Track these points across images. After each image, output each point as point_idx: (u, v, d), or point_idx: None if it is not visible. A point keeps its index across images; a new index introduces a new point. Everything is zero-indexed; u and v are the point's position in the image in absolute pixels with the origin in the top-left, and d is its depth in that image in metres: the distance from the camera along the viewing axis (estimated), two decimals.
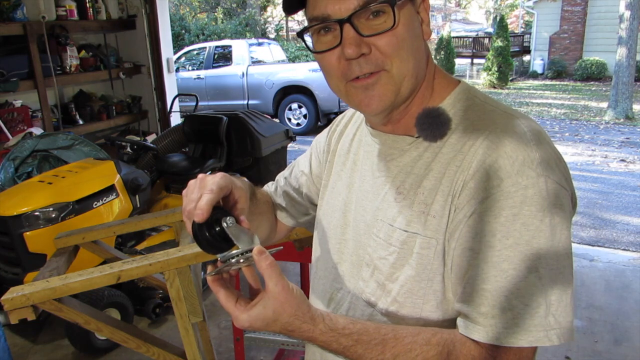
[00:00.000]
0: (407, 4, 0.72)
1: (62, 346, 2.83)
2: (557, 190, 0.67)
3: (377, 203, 0.81)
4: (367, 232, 0.82)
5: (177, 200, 3.52)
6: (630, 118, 9.96)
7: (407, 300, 0.76)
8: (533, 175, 0.66)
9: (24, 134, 3.57)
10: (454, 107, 0.77)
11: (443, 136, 0.75)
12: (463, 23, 33.73)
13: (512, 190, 0.66)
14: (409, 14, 0.72)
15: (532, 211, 0.65)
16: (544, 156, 0.68)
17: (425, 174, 0.75)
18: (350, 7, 0.69)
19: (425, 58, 0.77)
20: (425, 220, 0.73)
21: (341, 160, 0.93)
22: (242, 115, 3.95)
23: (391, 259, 0.77)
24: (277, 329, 0.68)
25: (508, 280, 0.65)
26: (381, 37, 0.70)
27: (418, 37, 0.74)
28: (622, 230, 4.58)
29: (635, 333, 2.89)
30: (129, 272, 1.63)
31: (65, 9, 4.22)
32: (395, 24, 0.69)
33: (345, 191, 0.89)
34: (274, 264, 0.67)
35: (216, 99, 9.38)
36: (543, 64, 17.09)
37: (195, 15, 19.92)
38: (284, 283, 0.67)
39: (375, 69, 0.72)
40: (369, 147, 0.86)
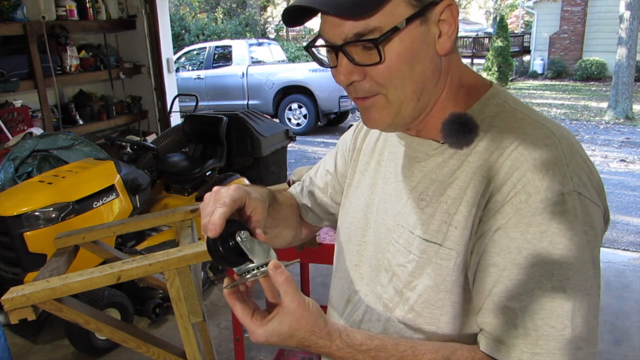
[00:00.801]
0: (410, 28, 0.67)
1: (62, 346, 2.83)
2: (588, 208, 0.65)
3: (399, 207, 0.79)
4: (387, 237, 0.80)
5: (177, 200, 3.52)
6: (630, 118, 9.96)
7: (425, 310, 0.74)
8: (564, 192, 0.64)
9: (24, 134, 3.57)
10: (482, 113, 0.73)
11: (470, 144, 0.72)
12: (463, 23, 33.73)
13: (541, 207, 0.64)
14: (411, 39, 0.67)
15: (560, 229, 0.63)
16: (576, 171, 0.66)
17: (450, 182, 0.72)
18: (342, 36, 0.67)
19: (438, 73, 0.72)
20: (447, 231, 0.71)
21: (365, 159, 0.91)
22: (242, 115, 3.95)
23: (410, 266, 0.75)
24: (293, 344, 0.68)
25: (534, 300, 0.64)
26: (372, 68, 0.68)
27: (424, 59, 0.69)
28: (622, 230, 4.58)
29: (635, 333, 2.89)
30: (129, 272, 1.63)
31: (65, 9, 4.22)
32: (381, 60, 0.67)
33: (368, 192, 0.88)
34: (290, 279, 0.66)
35: (216, 99, 9.38)
36: (543, 64, 17.09)
37: (195, 16, 19.92)
38: (300, 299, 0.66)
39: (369, 94, 0.71)
40: (394, 148, 0.84)
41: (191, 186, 3.55)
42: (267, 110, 8.90)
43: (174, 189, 3.62)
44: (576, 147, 0.69)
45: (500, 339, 0.66)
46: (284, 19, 0.75)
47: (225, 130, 3.69)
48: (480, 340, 0.69)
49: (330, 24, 0.68)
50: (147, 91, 5.11)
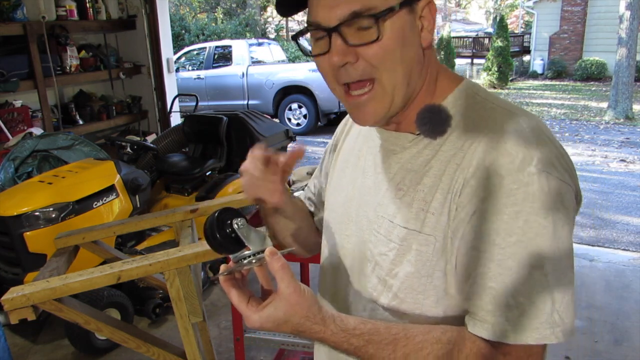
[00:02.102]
0: (402, 13, 0.71)
1: (62, 346, 2.83)
2: (559, 187, 0.67)
3: (378, 199, 0.82)
4: (368, 228, 0.83)
5: (177, 200, 3.52)
6: (630, 118, 9.96)
7: (408, 295, 0.77)
8: (534, 172, 0.66)
9: (24, 134, 3.57)
10: (455, 105, 0.77)
11: (443, 133, 0.75)
12: (463, 23, 33.72)
13: (514, 188, 0.66)
14: (402, 23, 0.71)
15: (534, 208, 0.66)
16: (545, 152, 0.68)
17: (425, 171, 0.75)
18: (338, 16, 0.70)
19: (420, 64, 0.76)
20: (424, 218, 0.74)
21: (345, 157, 0.94)
22: (242, 115, 3.95)
23: (391, 255, 0.78)
24: (288, 330, 0.69)
25: (513, 277, 0.66)
26: (367, 48, 0.71)
27: (411, 46, 0.73)
28: (622, 230, 4.58)
29: (635, 333, 2.89)
30: (129, 272, 1.63)
31: (65, 9, 4.22)
32: (379, 37, 0.70)
33: (349, 187, 0.90)
34: (285, 266, 0.68)
35: (216, 99, 9.38)
36: (543, 64, 17.09)
37: (195, 16, 19.92)
38: (295, 285, 0.68)
39: (362, 77, 0.73)
40: (372, 143, 0.87)
41: (191, 186, 3.55)
42: (267, 110, 8.90)
43: (174, 189, 3.62)
44: (544, 131, 0.72)
45: (485, 318, 0.68)
46: (277, 6, 0.78)
47: (225, 130, 3.69)
48: (467, 321, 0.71)
49: (325, 6, 0.70)
50: (147, 91, 5.11)
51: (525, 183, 0.66)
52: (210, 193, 3.40)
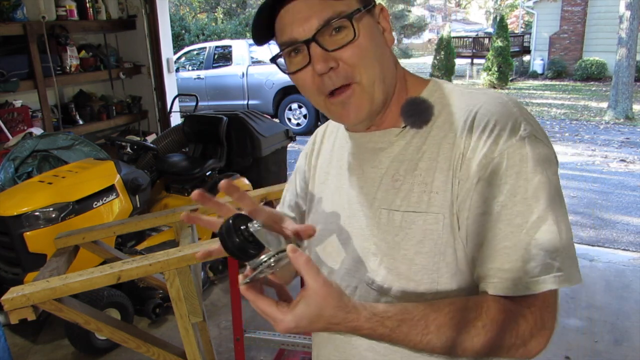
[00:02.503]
0: (365, 16, 0.77)
1: (62, 346, 2.83)
2: (544, 145, 0.75)
3: (373, 194, 0.84)
4: (369, 224, 0.83)
5: (177, 200, 3.52)
6: (630, 118, 9.96)
7: (424, 277, 0.78)
8: (524, 135, 0.73)
9: (24, 134, 3.57)
10: (432, 96, 0.83)
11: (428, 121, 0.80)
12: (463, 23, 33.70)
13: (510, 152, 0.72)
14: (369, 24, 0.78)
15: (530, 166, 0.72)
16: (528, 120, 0.76)
17: (419, 157, 0.79)
18: (312, 27, 0.74)
19: (392, 62, 0.82)
20: (428, 199, 0.77)
21: (324, 171, 0.96)
22: (242, 115, 3.95)
23: (398, 239, 0.79)
24: (321, 326, 0.68)
25: (525, 232, 0.71)
26: (345, 50, 0.75)
27: (381, 45, 0.80)
28: (622, 230, 4.58)
29: (635, 333, 2.89)
30: (129, 272, 1.63)
31: (65, 9, 4.22)
32: (355, 36, 0.75)
33: (335, 197, 0.91)
34: (309, 260, 0.67)
35: (216, 99, 9.38)
36: (543, 64, 17.08)
37: (195, 16, 19.92)
38: (322, 278, 0.67)
39: (345, 81, 0.77)
40: (352, 150, 0.89)
41: (191, 186, 3.55)
42: (267, 110, 8.90)
43: (174, 189, 3.62)
44: (520, 103, 0.79)
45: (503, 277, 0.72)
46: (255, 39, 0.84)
47: (225, 130, 3.69)
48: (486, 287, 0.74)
49: (298, 21, 0.75)
50: (147, 91, 5.11)
51: (519, 146, 0.72)
52: (210, 193, 3.40)
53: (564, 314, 3.08)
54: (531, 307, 0.72)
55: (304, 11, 0.75)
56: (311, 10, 0.75)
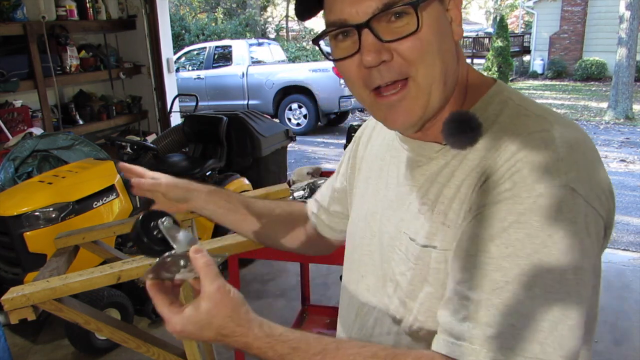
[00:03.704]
0: (434, 3, 0.65)
1: (62, 346, 2.82)
2: (580, 206, 0.58)
3: (401, 214, 0.76)
4: (390, 245, 0.77)
5: None
6: (630, 118, 9.96)
7: (428, 319, 0.70)
8: (555, 184, 0.58)
9: (24, 134, 3.57)
10: (486, 111, 0.69)
11: (473, 143, 0.67)
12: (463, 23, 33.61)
13: (524, 196, 0.59)
14: (436, 13, 0.65)
15: (541, 222, 0.57)
16: (573, 167, 0.60)
17: (447, 182, 0.69)
18: (368, 10, 0.63)
19: (456, 60, 0.70)
20: (444, 232, 0.68)
21: (368, 166, 0.88)
22: (242, 115, 3.95)
23: (409, 275, 0.72)
24: (211, 335, 0.63)
25: (497, 293, 0.58)
26: (404, 42, 0.63)
27: (447, 38, 0.67)
28: (622, 230, 4.58)
29: (635, 333, 2.89)
30: (129, 272, 1.63)
31: (65, 9, 4.22)
32: (419, 27, 0.63)
33: (371, 199, 0.84)
34: (210, 263, 0.63)
35: (216, 99, 9.38)
36: (543, 64, 17.08)
37: (195, 16, 19.92)
38: (220, 283, 0.63)
39: (398, 77, 0.65)
40: (396, 153, 0.80)
41: None
42: (267, 110, 8.89)
43: None
44: (580, 143, 0.63)
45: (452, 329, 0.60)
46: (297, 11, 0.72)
47: (225, 130, 3.69)
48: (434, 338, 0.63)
49: (352, 1, 0.63)
50: (147, 91, 5.11)
51: (539, 194, 0.58)
52: None
53: None
54: None
55: None
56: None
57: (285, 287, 3.45)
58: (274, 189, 2.26)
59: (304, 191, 2.18)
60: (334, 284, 3.37)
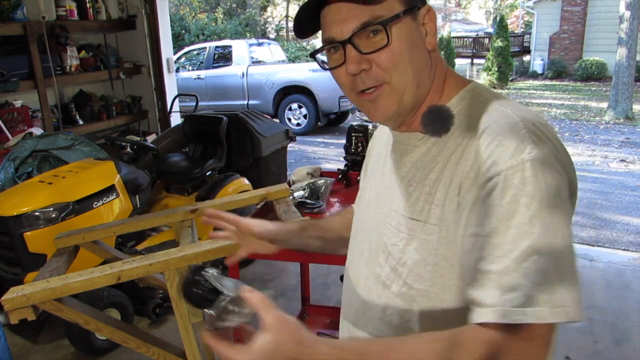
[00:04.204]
0: (406, 19, 0.79)
1: (62, 346, 2.83)
2: (550, 175, 0.70)
3: (392, 195, 0.89)
4: (384, 222, 0.89)
5: (177, 200, 3.52)
6: (630, 118, 9.96)
7: (416, 282, 0.81)
8: (527, 158, 0.70)
9: (24, 134, 3.57)
10: (459, 105, 0.83)
11: (446, 131, 0.81)
12: (463, 23, 33.70)
13: (509, 174, 0.70)
14: (408, 29, 0.79)
15: (530, 192, 0.68)
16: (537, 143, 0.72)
17: (432, 167, 0.81)
18: (350, 28, 0.78)
19: (429, 66, 0.83)
20: (429, 210, 0.80)
21: (372, 165, 1.03)
22: (242, 115, 3.95)
23: (401, 244, 0.84)
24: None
25: (512, 260, 0.67)
26: (379, 54, 0.78)
27: (419, 49, 0.81)
28: (622, 230, 4.58)
29: (635, 333, 2.89)
30: (129, 272, 1.63)
31: (65, 9, 4.22)
32: (389, 42, 0.77)
33: (372, 189, 0.98)
34: (264, 297, 0.69)
35: (216, 99, 9.38)
36: (543, 64, 17.08)
37: (195, 16, 19.92)
38: (277, 313, 0.69)
39: (376, 83, 0.80)
40: (390, 147, 0.95)
41: (191, 186, 3.54)
42: (267, 110, 8.90)
43: (174, 189, 3.62)
44: (538, 126, 0.75)
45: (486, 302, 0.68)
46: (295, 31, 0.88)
47: (225, 130, 3.69)
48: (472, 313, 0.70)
49: (337, 22, 0.79)
50: (147, 91, 5.11)
51: (520, 169, 0.69)
52: (210, 193, 3.40)
53: None
54: (518, 339, 0.67)
55: (344, 12, 0.78)
56: (350, 13, 0.78)
57: (285, 287, 3.45)
58: (274, 189, 2.26)
59: (304, 191, 2.18)
60: (334, 284, 3.37)
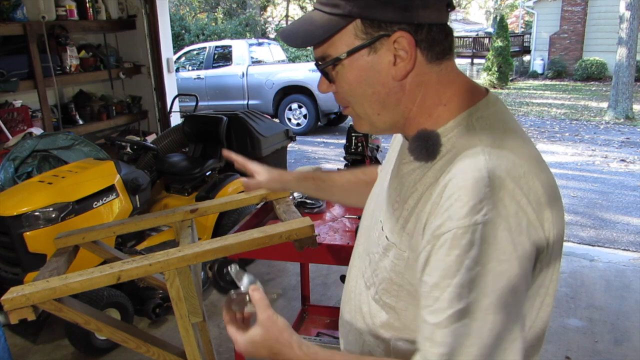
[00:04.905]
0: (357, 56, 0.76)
1: (62, 346, 2.83)
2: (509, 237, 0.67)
3: (380, 204, 0.91)
4: (372, 226, 0.93)
5: (177, 200, 3.52)
6: (630, 118, 9.96)
7: (384, 295, 0.85)
8: (480, 220, 0.66)
9: (24, 134, 3.57)
10: (451, 131, 0.77)
11: (432, 158, 0.77)
12: (463, 23, 33.70)
13: (459, 233, 0.67)
14: (359, 65, 0.77)
15: (475, 256, 0.66)
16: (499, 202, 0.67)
17: (412, 191, 0.79)
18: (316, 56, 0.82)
19: (395, 95, 0.78)
20: (401, 235, 0.80)
21: (390, 152, 1.05)
22: (242, 115, 3.95)
23: (377, 256, 0.87)
24: (265, 353, 0.82)
25: (446, 317, 0.68)
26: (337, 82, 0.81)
27: (373, 83, 0.77)
28: (622, 230, 4.58)
29: (635, 333, 2.89)
30: (129, 272, 1.63)
31: (65, 9, 4.22)
32: (331, 81, 0.82)
33: (379, 184, 1.02)
34: (263, 297, 0.84)
35: (216, 99, 9.38)
36: (543, 64, 17.08)
37: (195, 15, 19.92)
38: (269, 312, 0.82)
39: (344, 103, 0.85)
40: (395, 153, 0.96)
41: (191, 186, 3.54)
42: (267, 110, 8.90)
43: (174, 189, 3.62)
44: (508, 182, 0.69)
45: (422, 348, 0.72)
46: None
47: (225, 130, 3.69)
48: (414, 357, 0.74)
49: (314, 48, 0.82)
50: (147, 91, 5.11)
51: (471, 231, 0.66)
52: (210, 193, 3.40)
53: (564, 314, 3.08)
54: None
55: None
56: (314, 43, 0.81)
57: (286, 287, 3.45)
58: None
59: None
60: (334, 284, 3.37)
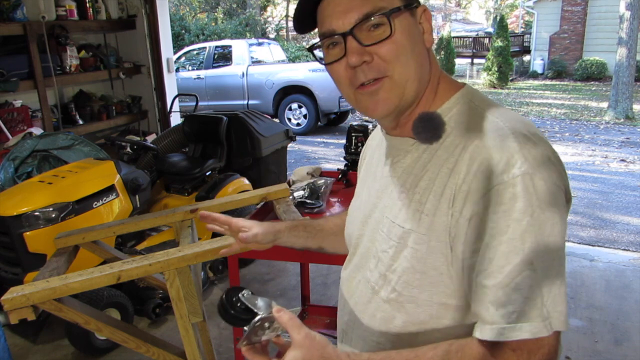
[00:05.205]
0: (406, 14, 0.79)
1: (62, 346, 2.83)
2: (543, 186, 0.71)
3: (384, 201, 0.88)
4: (376, 228, 0.89)
5: (177, 200, 3.52)
6: (630, 118, 9.96)
7: (405, 289, 0.82)
8: (517, 173, 0.70)
9: (24, 134, 3.57)
10: (450, 111, 0.82)
11: (437, 139, 0.80)
12: (463, 23, 33.70)
13: (501, 189, 0.70)
14: (408, 23, 0.79)
15: (521, 207, 0.69)
16: (528, 155, 0.72)
17: (422, 174, 0.80)
18: (351, 20, 0.77)
19: (428, 63, 0.83)
20: (419, 219, 0.79)
21: (365, 165, 1.04)
22: (242, 115, 3.95)
23: (390, 252, 0.83)
24: None
25: (505, 275, 0.69)
26: (381, 45, 0.77)
27: (419, 44, 0.81)
28: (622, 230, 4.58)
29: (635, 333, 2.89)
30: (129, 272, 1.63)
31: (65, 9, 4.22)
32: (392, 33, 0.77)
33: (365, 192, 0.98)
34: (293, 317, 0.74)
35: (216, 99, 9.38)
36: (543, 64, 17.08)
37: (195, 15, 19.92)
38: (306, 331, 0.73)
39: (378, 75, 0.79)
40: (382, 150, 0.94)
41: (191, 186, 3.54)
42: (267, 110, 8.90)
43: (174, 189, 3.62)
44: (528, 135, 0.75)
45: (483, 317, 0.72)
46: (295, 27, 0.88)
47: (225, 130, 3.69)
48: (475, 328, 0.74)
49: (338, 13, 0.78)
50: (147, 91, 5.11)
51: (511, 184, 0.70)
52: (210, 193, 3.40)
53: None
54: (517, 351, 0.70)
55: (344, 4, 0.78)
56: (351, 4, 0.77)
57: (285, 287, 3.45)
58: (273, 189, 2.26)
59: (304, 191, 2.18)
60: (334, 283, 3.37)
